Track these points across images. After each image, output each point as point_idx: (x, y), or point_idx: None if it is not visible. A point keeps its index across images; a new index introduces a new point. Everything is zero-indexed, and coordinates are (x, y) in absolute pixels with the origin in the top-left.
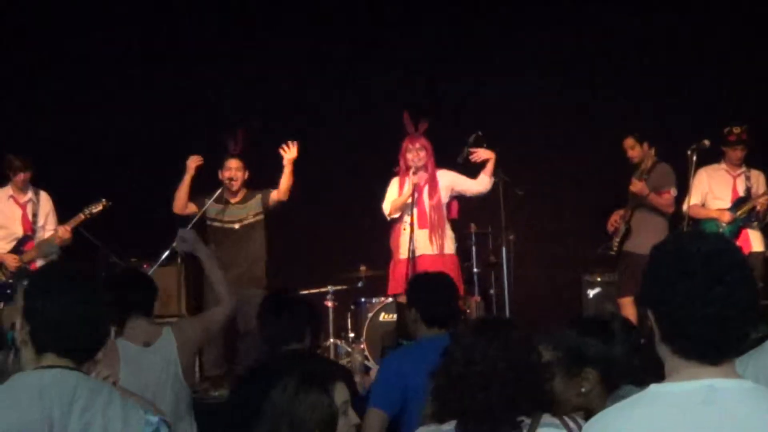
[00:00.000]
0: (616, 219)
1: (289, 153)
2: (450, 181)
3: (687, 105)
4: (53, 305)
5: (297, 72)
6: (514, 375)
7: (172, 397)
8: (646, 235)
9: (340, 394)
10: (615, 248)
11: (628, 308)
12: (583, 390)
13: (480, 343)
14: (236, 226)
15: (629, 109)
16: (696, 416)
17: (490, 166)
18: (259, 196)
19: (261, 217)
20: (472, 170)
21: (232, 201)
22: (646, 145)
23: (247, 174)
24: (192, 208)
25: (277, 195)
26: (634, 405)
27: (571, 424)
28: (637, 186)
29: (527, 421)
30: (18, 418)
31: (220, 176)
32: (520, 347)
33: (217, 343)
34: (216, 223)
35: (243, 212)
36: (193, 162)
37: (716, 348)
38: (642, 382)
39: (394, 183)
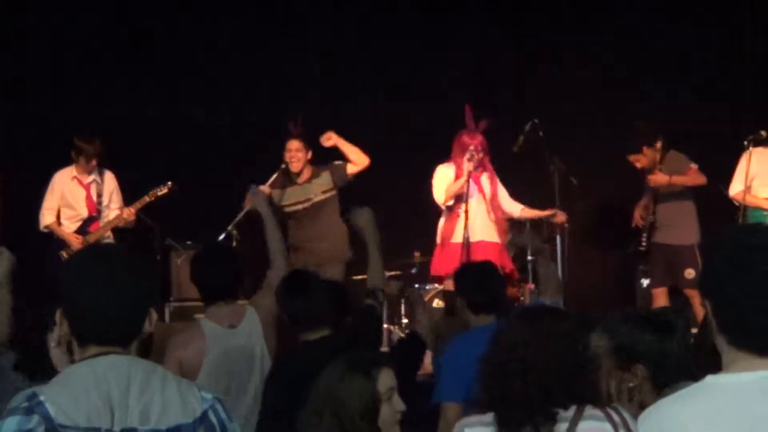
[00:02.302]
0: (639, 215)
1: (329, 141)
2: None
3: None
4: (86, 293)
5: (353, 57)
6: (554, 365)
7: (259, 377)
8: (677, 227)
9: (385, 380)
10: (644, 243)
11: (661, 299)
12: (630, 385)
13: (524, 331)
14: (300, 207)
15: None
16: (753, 407)
17: (534, 214)
18: (327, 173)
19: (332, 193)
20: (527, 158)
21: (298, 182)
22: (645, 149)
23: (309, 154)
24: None
25: (354, 167)
26: (690, 396)
27: (615, 417)
28: (654, 177)
29: (564, 413)
30: (81, 408)
31: (285, 158)
32: (565, 338)
33: None
34: (285, 208)
35: (309, 191)
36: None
37: None
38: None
39: (443, 171)
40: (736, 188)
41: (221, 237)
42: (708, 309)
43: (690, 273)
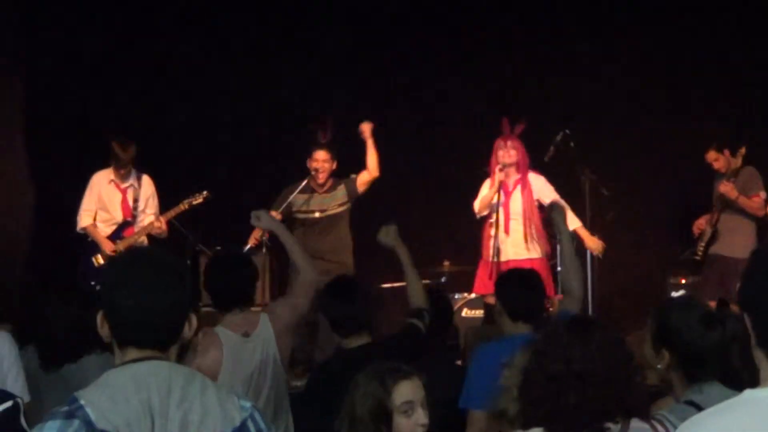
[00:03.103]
0: (702, 222)
1: (366, 132)
2: (538, 187)
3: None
4: (127, 297)
5: (395, 64)
6: (611, 378)
7: (272, 385)
8: (733, 239)
9: (403, 392)
10: (700, 252)
11: None
12: (659, 367)
13: (577, 342)
14: (317, 215)
15: (716, 110)
16: None
17: (582, 234)
18: (342, 186)
19: (346, 206)
20: (558, 168)
21: (318, 191)
22: (727, 153)
23: (334, 165)
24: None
25: (367, 175)
26: (727, 410)
27: (660, 429)
28: (726, 187)
29: (614, 428)
30: (121, 413)
31: (308, 165)
32: (616, 348)
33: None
34: (300, 214)
35: (327, 202)
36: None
37: None
38: (732, 382)
39: (486, 184)
40: None
41: (248, 246)
42: (747, 323)
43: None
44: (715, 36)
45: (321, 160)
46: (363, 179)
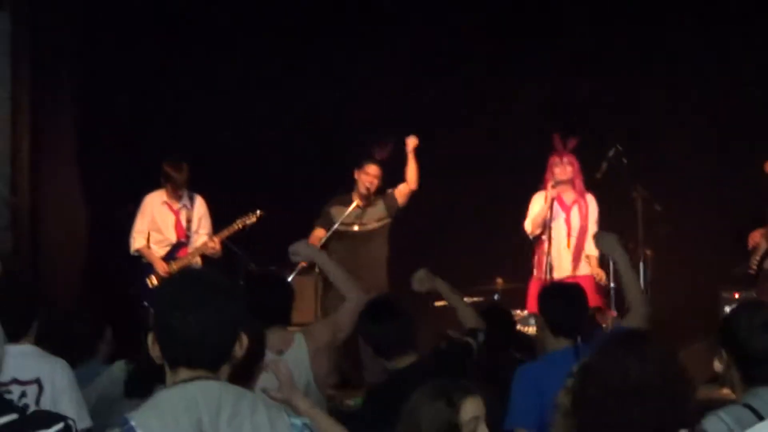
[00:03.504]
0: (756, 235)
1: (410, 142)
2: (593, 210)
3: None
4: (178, 317)
5: (445, 86)
6: (666, 389)
7: None
8: None
9: (469, 409)
10: (755, 266)
11: None
12: (719, 366)
13: (633, 356)
14: (355, 228)
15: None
16: None
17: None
18: (381, 202)
19: (386, 221)
20: (610, 185)
21: (360, 204)
22: None
23: (380, 182)
24: None
25: (405, 187)
26: None
27: None
28: None
29: None
30: None
31: (355, 175)
32: (671, 361)
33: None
34: (341, 228)
35: (366, 216)
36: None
37: None
38: None
39: (537, 200)
40: None
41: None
42: None
43: None
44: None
45: (372, 175)
46: (402, 191)
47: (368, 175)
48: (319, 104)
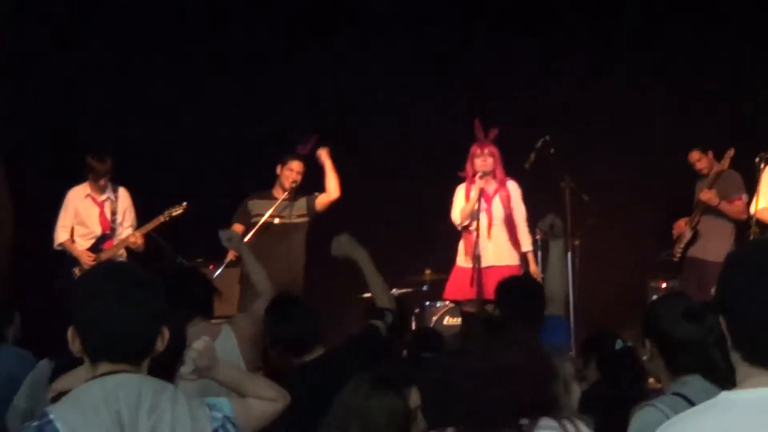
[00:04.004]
0: (681, 224)
1: (322, 155)
2: (516, 196)
3: (755, 111)
4: (99, 311)
5: (369, 77)
6: (529, 372)
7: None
8: (712, 241)
9: (414, 397)
10: (678, 254)
11: None
12: (644, 358)
13: (495, 339)
14: (276, 221)
15: (696, 115)
16: (766, 425)
17: (531, 268)
18: (304, 200)
19: (305, 219)
20: (538, 175)
21: (277, 197)
22: (711, 155)
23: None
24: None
25: (326, 197)
26: (704, 412)
27: (570, 428)
28: (707, 195)
29: (526, 422)
30: (90, 427)
31: (278, 171)
32: (533, 346)
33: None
34: (258, 219)
35: (286, 210)
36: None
37: None
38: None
39: (460, 191)
40: (761, 204)
41: (228, 258)
42: (723, 325)
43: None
44: (696, 40)
45: (296, 171)
46: (322, 200)
47: (292, 171)
48: (249, 97)
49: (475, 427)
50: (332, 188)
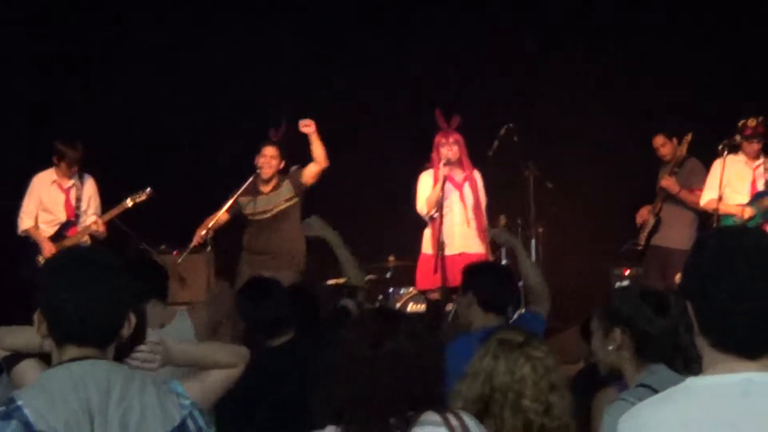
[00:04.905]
0: (644, 212)
1: (308, 128)
2: (481, 185)
3: (716, 98)
4: (66, 295)
5: (333, 60)
6: (419, 362)
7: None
8: (675, 229)
9: None
10: (642, 242)
11: None
12: (610, 348)
13: (385, 328)
14: (266, 215)
15: (659, 103)
16: (733, 410)
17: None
18: (287, 182)
19: (294, 201)
20: (502, 163)
21: (264, 191)
22: (675, 141)
23: (282, 164)
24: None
25: (314, 167)
26: (669, 398)
27: (454, 422)
28: (667, 182)
29: (411, 414)
30: (59, 414)
31: (255, 162)
32: (424, 334)
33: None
34: (249, 216)
35: (273, 201)
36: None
37: (756, 343)
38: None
39: (425, 179)
40: (707, 197)
41: (192, 244)
42: (690, 311)
43: (680, 279)
44: (658, 25)
45: (269, 156)
46: (310, 171)
47: (265, 157)
48: (218, 84)
49: (360, 417)
50: (320, 157)
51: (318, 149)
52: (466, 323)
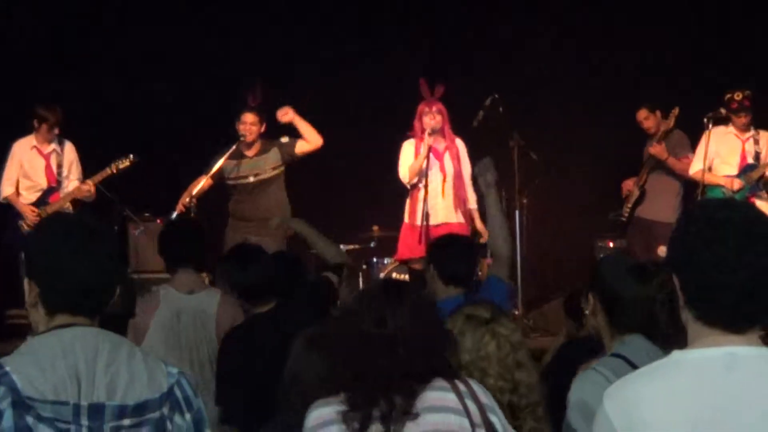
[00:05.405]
0: (629, 183)
1: (286, 117)
2: (464, 154)
3: (701, 71)
4: (57, 262)
5: (313, 31)
6: (421, 338)
7: (204, 348)
8: (659, 201)
9: None
10: (626, 213)
11: None
12: (586, 312)
13: (390, 304)
14: (251, 179)
15: (645, 76)
16: (718, 383)
17: (478, 225)
18: (276, 149)
19: (280, 170)
20: (487, 133)
21: (248, 155)
22: (659, 114)
23: (263, 127)
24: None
25: (307, 146)
26: (654, 372)
27: (462, 387)
28: (656, 149)
29: (417, 386)
30: (47, 380)
31: (236, 128)
32: (429, 311)
33: None
34: (231, 181)
35: (259, 165)
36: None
37: (742, 316)
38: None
39: (407, 148)
40: (695, 167)
41: (176, 212)
42: (675, 283)
43: (663, 251)
44: (646, 2)
45: (249, 123)
46: (303, 148)
47: (245, 124)
48: (199, 49)
49: (364, 393)
50: (313, 139)
51: (307, 131)
52: (432, 294)
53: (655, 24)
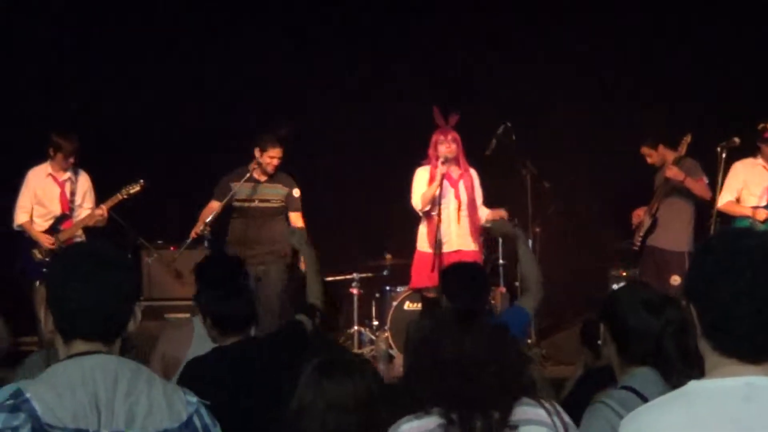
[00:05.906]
0: (640, 212)
1: None
2: (477, 184)
3: (714, 101)
4: (71, 289)
5: (327, 59)
6: (498, 363)
7: None
8: (670, 230)
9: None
10: (638, 242)
11: None
12: (599, 342)
13: (467, 331)
14: (256, 203)
15: (658, 105)
16: (735, 413)
17: (496, 215)
18: (285, 190)
19: (283, 205)
20: (499, 162)
21: (261, 179)
22: (661, 148)
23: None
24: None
25: (299, 221)
26: (672, 402)
27: (548, 405)
28: (672, 171)
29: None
30: (67, 407)
31: (257, 154)
32: (504, 337)
33: None
34: (240, 203)
35: (270, 192)
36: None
37: (758, 346)
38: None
39: (420, 175)
40: (725, 198)
41: (190, 239)
42: (693, 313)
43: (676, 280)
44: (659, 32)
45: (277, 158)
46: (296, 217)
47: (273, 158)
48: (210, 76)
49: (462, 407)
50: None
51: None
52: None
53: (668, 50)
